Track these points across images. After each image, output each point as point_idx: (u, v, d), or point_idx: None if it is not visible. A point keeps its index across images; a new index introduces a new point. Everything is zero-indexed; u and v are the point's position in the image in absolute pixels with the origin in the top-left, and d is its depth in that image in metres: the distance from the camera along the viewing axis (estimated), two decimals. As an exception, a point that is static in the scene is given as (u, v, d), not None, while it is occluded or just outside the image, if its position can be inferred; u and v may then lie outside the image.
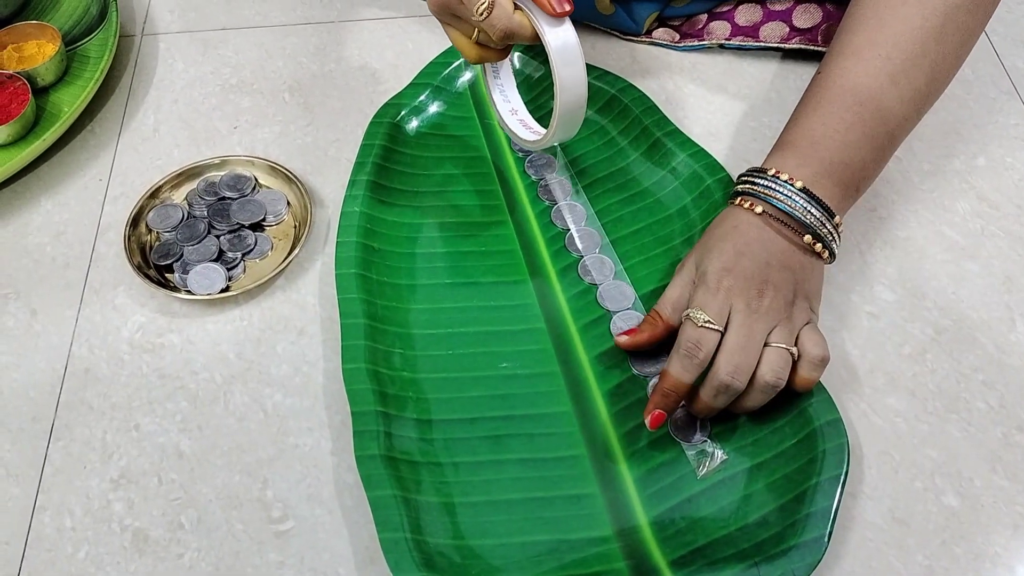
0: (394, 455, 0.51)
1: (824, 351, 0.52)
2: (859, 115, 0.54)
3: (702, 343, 0.51)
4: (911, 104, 0.55)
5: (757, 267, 0.52)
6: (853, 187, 0.55)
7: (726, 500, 0.51)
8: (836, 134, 0.54)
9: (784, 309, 0.52)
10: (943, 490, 0.53)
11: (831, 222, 0.53)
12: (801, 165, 0.54)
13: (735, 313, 0.51)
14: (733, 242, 0.53)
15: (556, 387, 0.56)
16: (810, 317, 0.53)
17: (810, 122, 0.55)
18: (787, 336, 0.51)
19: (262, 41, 0.77)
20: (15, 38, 0.72)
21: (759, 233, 0.53)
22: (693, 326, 0.51)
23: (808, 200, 0.53)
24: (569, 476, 0.52)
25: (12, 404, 0.57)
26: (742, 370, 0.50)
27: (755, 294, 0.51)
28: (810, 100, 0.57)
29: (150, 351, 0.59)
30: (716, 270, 0.52)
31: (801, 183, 0.53)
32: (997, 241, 0.63)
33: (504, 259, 0.62)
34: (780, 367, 0.51)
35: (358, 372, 0.54)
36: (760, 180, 0.54)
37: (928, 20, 0.54)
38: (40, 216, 0.66)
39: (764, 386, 0.51)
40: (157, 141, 0.70)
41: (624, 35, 0.76)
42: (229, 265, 0.62)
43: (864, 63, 0.55)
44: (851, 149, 0.54)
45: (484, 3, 0.50)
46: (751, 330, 0.51)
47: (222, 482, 0.54)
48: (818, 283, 0.55)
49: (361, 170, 0.64)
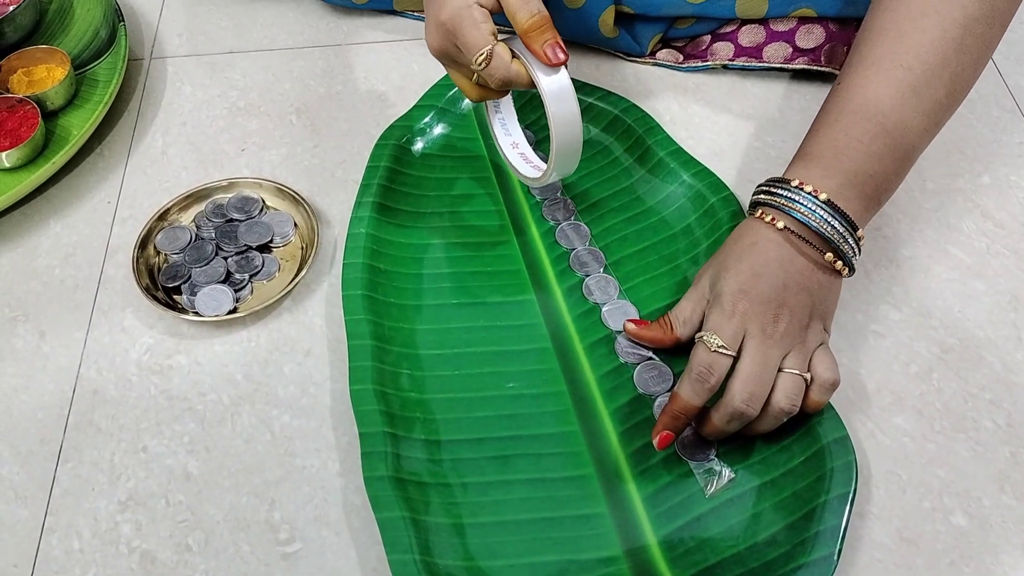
0: (402, 476, 0.51)
1: (835, 375, 0.52)
2: (882, 126, 0.53)
3: (714, 368, 0.51)
4: (931, 116, 0.55)
5: (774, 290, 0.51)
6: (875, 200, 0.54)
7: (735, 519, 0.51)
8: (860, 145, 0.53)
9: (799, 333, 0.51)
10: (951, 510, 0.52)
11: (853, 236, 0.52)
12: (826, 177, 0.53)
13: (749, 338, 0.51)
14: (751, 262, 0.52)
15: (563, 407, 0.56)
16: (823, 338, 0.53)
17: (833, 132, 0.54)
18: (801, 362, 0.51)
19: (269, 64, 0.77)
20: (25, 62, 0.72)
21: (778, 252, 0.52)
22: (706, 350, 0.51)
23: (832, 214, 0.52)
24: (577, 496, 0.52)
25: (21, 426, 0.57)
26: (756, 397, 0.50)
27: (771, 319, 0.51)
28: (831, 112, 0.56)
29: (158, 373, 0.59)
30: (732, 292, 0.52)
31: (826, 195, 0.52)
32: (1003, 260, 0.63)
33: (510, 279, 0.62)
34: (794, 394, 0.50)
35: (366, 393, 0.54)
36: (783, 192, 0.53)
37: (948, 32, 0.54)
38: (49, 239, 0.66)
39: (778, 412, 0.51)
40: (165, 164, 0.70)
41: (628, 56, 0.76)
42: (237, 287, 0.62)
43: (885, 74, 0.54)
44: (875, 161, 0.53)
45: (483, 54, 0.52)
46: (766, 356, 0.50)
47: (229, 504, 0.54)
48: (834, 301, 0.54)
49: (367, 191, 0.64)
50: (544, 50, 0.52)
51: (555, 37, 0.52)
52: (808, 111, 0.71)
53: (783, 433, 0.53)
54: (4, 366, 0.60)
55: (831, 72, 0.71)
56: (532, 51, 0.52)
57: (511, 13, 0.52)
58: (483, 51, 0.52)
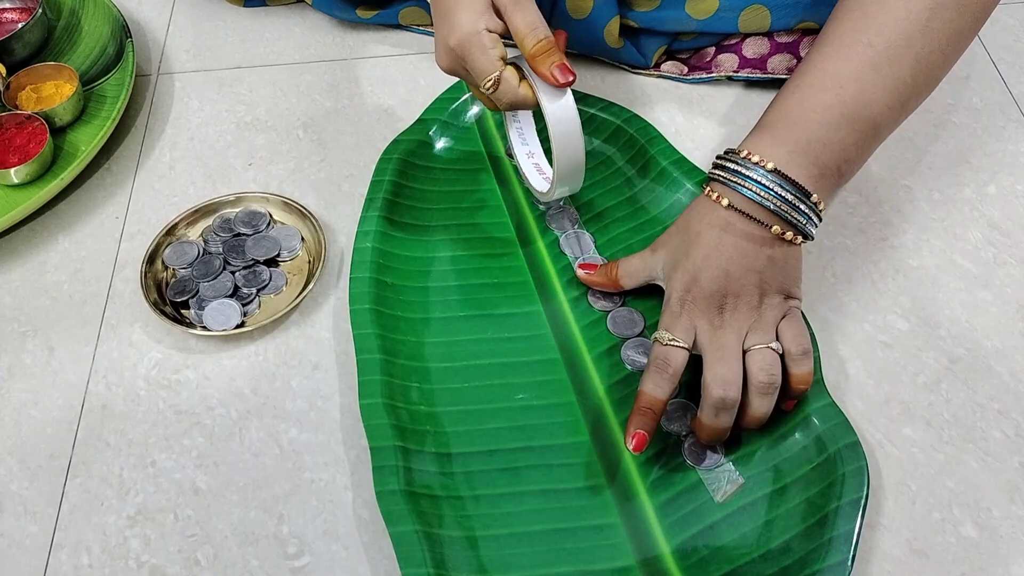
0: (414, 490, 0.51)
1: (803, 342, 0.53)
2: (838, 96, 0.53)
3: (669, 358, 0.52)
4: (894, 94, 0.54)
5: (715, 283, 0.53)
6: (833, 168, 0.54)
7: (748, 526, 0.51)
8: (813, 114, 0.53)
9: (751, 313, 0.53)
10: (961, 521, 0.52)
11: (806, 202, 0.52)
12: (775, 145, 0.53)
13: (700, 334, 0.53)
14: (693, 258, 0.53)
15: (573, 417, 0.56)
16: (786, 309, 0.54)
17: (788, 104, 0.55)
18: (763, 336, 0.52)
19: (276, 79, 0.78)
20: (34, 79, 0.73)
21: (719, 240, 0.53)
22: (660, 345, 0.53)
23: (779, 183, 0.52)
24: (590, 506, 0.52)
25: (30, 441, 0.57)
26: (730, 380, 0.51)
27: (715, 312, 0.53)
28: (789, 85, 0.56)
29: (166, 387, 0.59)
30: (678, 294, 0.54)
31: (772, 164, 0.52)
32: (1010, 269, 0.63)
33: (516, 290, 0.62)
34: (768, 364, 0.52)
35: (375, 407, 0.54)
36: (730, 164, 0.54)
37: (912, 12, 0.54)
38: (58, 254, 0.66)
39: (760, 387, 0.51)
40: (173, 179, 0.71)
41: (633, 69, 0.76)
42: (244, 301, 0.62)
43: (846, 50, 0.55)
44: (829, 129, 0.53)
45: (491, 80, 0.54)
46: (722, 343, 0.52)
47: (238, 518, 0.54)
48: (793, 269, 0.54)
49: (372, 206, 0.64)
50: (552, 72, 0.53)
51: (562, 59, 0.53)
52: (813, 122, 0.72)
53: (793, 439, 0.53)
54: (13, 381, 0.60)
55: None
56: (540, 74, 0.54)
57: (519, 38, 0.54)
58: (491, 77, 0.54)
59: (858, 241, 0.65)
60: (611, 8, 0.70)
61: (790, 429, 0.54)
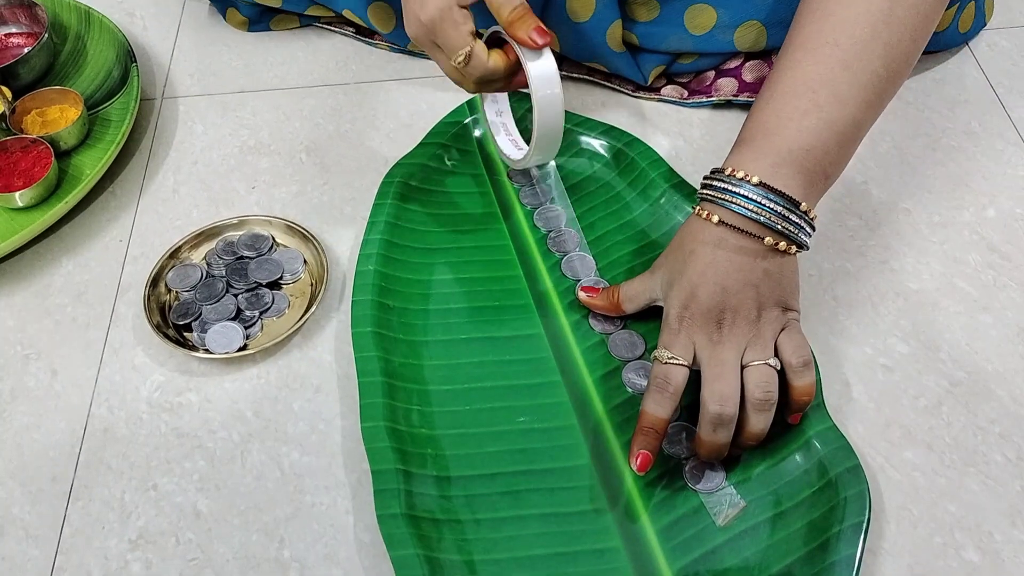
0: (416, 513, 0.51)
1: (803, 353, 0.53)
2: (813, 101, 0.53)
3: (670, 377, 0.52)
4: (869, 89, 0.54)
5: (712, 299, 0.52)
6: (819, 173, 0.54)
7: (749, 551, 0.51)
8: (791, 122, 0.53)
9: (749, 328, 0.53)
10: (963, 545, 0.52)
11: (796, 211, 0.52)
12: (757, 159, 0.53)
13: (700, 349, 0.53)
14: (689, 275, 0.53)
15: (574, 440, 0.56)
16: (784, 322, 0.54)
17: (764, 115, 0.55)
18: (761, 352, 0.52)
19: (279, 103, 0.78)
20: (39, 103, 0.73)
21: (713, 256, 0.53)
22: (659, 364, 0.53)
23: (766, 195, 0.52)
24: (591, 530, 0.52)
25: (32, 465, 0.57)
26: (727, 396, 0.51)
27: (714, 327, 0.53)
28: (763, 96, 0.56)
29: (168, 410, 0.59)
30: (676, 311, 0.54)
31: (757, 178, 0.52)
32: (1010, 292, 0.63)
33: (518, 313, 0.63)
34: (764, 381, 0.52)
35: (377, 430, 0.54)
36: (716, 182, 0.54)
37: (874, 4, 0.54)
38: (61, 277, 0.67)
39: (756, 403, 0.51)
40: (176, 202, 0.71)
41: (633, 93, 0.77)
42: (247, 324, 0.62)
43: (813, 53, 0.54)
44: (809, 135, 0.53)
45: (462, 54, 0.56)
46: (721, 359, 0.52)
47: (239, 542, 0.54)
48: (790, 281, 0.54)
49: (374, 229, 0.65)
50: (530, 35, 0.55)
51: (537, 23, 0.55)
52: (813, 146, 0.72)
53: (794, 462, 0.53)
54: (16, 404, 0.60)
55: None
56: (518, 39, 0.55)
57: (495, 8, 0.55)
58: (462, 52, 0.56)
59: (858, 264, 0.65)
60: (613, 12, 0.70)
61: (791, 452, 0.54)
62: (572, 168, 0.70)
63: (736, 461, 0.54)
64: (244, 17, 0.84)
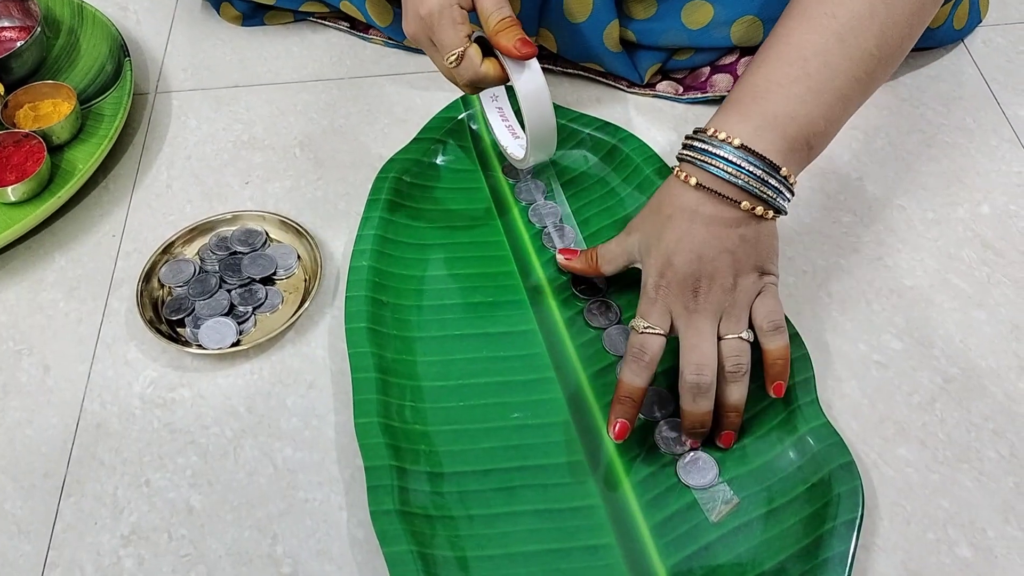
0: (409, 509, 0.51)
1: (774, 318, 0.54)
2: (804, 70, 0.53)
3: (646, 346, 0.53)
4: (861, 65, 0.54)
5: (688, 266, 0.53)
6: (802, 142, 0.53)
7: (743, 547, 0.51)
8: (779, 88, 0.53)
9: (725, 296, 0.53)
10: (956, 541, 0.52)
11: (776, 176, 0.52)
12: (742, 121, 0.53)
13: (676, 318, 0.54)
14: (667, 241, 0.54)
15: (568, 436, 0.56)
16: (761, 286, 0.54)
17: (754, 78, 0.55)
18: (735, 323, 0.53)
19: (273, 98, 0.78)
20: (31, 97, 0.73)
21: (690, 222, 0.53)
22: (636, 334, 0.54)
23: (747, 158, 0.51)
24: (585, 526, 0.52)
25: (25, 460, 0.57)
26: (704, 365, 0.52)
27: (690, 295, 0.53)
28: (755, 60, 0.56)
29: (161, 406, 0.59)
30: (653, 280, 0.54)
31: (739, 140, 0.52)
32: (1004, 289, 0.63)
33: (512, 309, 0.62)
34: (736, 353, 0.53)
35: (370, 426, 0.54)
36: (698, 143, 0.53)
37: None
38: (54, 272, 0.66)
39: (729, 375, 0.53)
40: (170, 197, 0.71)
41: (628, 88, 0.77)
42: (240, 319, 0.62)
43: (809, 23, 0.54)
44: (796, 102, 0.53)
45: (455, 55, 0.56)
46: (697, 328, 0.53)
47: (232, 538, 0.54)
48: (767, 245, 0.54)
49: (368, 224, 0.65)
50: (514, 45, 0.55)
51: (523, 34, 0.55)
52: (808, 142, 0.72)
53: (788, 459, 0.53)
54: (8, 400, 0.60)
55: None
56: (502, 48, 0.55)
57: (484, 15, 0.56)
58: (455, 52, 0.56)
59: (852, 261, 0.65)
60: (610, 11, 0.70)
61: (784, 449, 0.54)
62: (567, 164, 0.70)
63: (729, 456, 0.54)
64: (238, 12, 0.83)
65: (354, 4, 0.78)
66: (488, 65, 0.57)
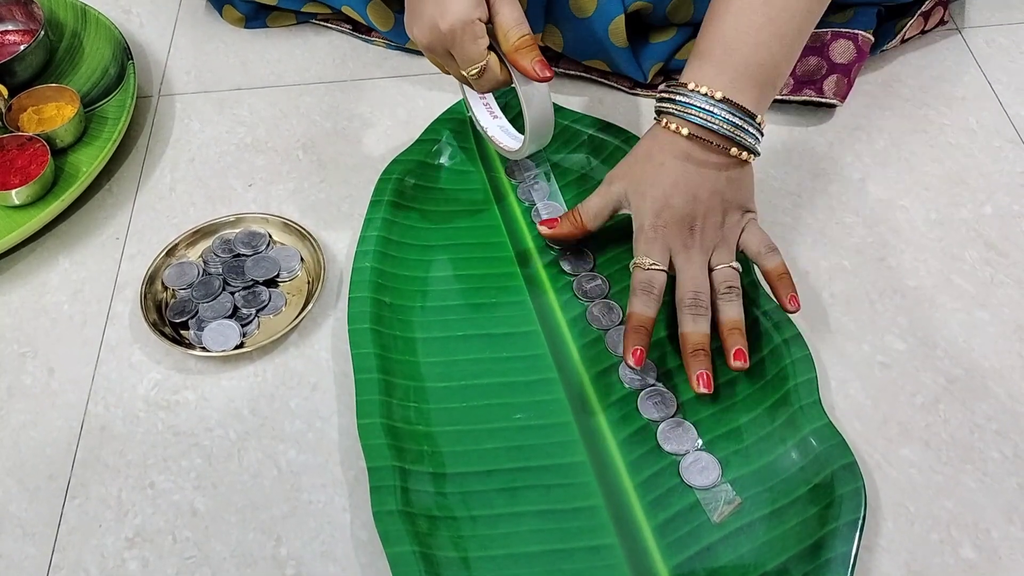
0: (412, 510, 0.51)
1: (766, 241, 0.58)
2: (766, 15, 0.56)
3: (653, 281, 0.57)
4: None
5: (685, 205, 0.57)
6: (770, 85, 0.58)
7: (745, 548, 0.51)
8: (747, 36, 0.56)
9: (716, 232, 0.58)
10: (960, 542, 0.52)
11: (752, 123, 0.56)
12: (719, 74, 0.56)
13: (675, 254, 0.58)
14: (662, 185, 0.57)
15: (571, 437, 0.56)
16: (745, 222, 0.59)
17: (722, 29, 0.57)
18: (726, 256, 0.58)
19: (276, 100, 0.78)
20: (35, 101, 0.73)
21: (683, 168, 0.57)
22: (641, 270, 0.57)
23: (729, 110, 0.56)
24: (587, 527, 0.52)
25: (29, 462, 0.57)
26: (699, 284, 0.57)
27: (688, 232, 0.57)
28: (717, 8, 0.58)
29: (165, 408, 0.59)
30: (650, 220, 0.58)
31: (721, 93, 0.56)
32: (1007, 289, 0.63)
33: (515, 310, 0.63)
34: (727, 279, 0.57)
35: (373, 427, 0.54)
36: (681, 97, 0.57)
37: None
38: (58, 275, 0.67)
39: (723, 295, 0.57)
40: (173, 200, 0.71)
41: (631, 90, 0.77)
42: (243, 321, 0.62)
43: None
44: (763, 49, 0.56)
45: (477, 68, 0.57)
46: (693, 262, 0.57)
47: (236, 540, 0.54)
48: (748, 185, 0.59)
49: (371, 226, 0.65)
50: (533, 67, 0.56)
51: (541, 56, 0.57)
52: (810, 142, 0.72)
53: (790, 459, 0.53)
54: (13, 402, 0.60)
55: (833, 103, 0.72)
56: (520, 67, 0.57)
57: (503, 31, 0.56)
58: (478, 66, 0.57)
59: (855, 262, 0.65)
60: (616, 5, 0.70)
61: (787, 449, 0.54)
62: (569, 165, 0.70)
63: (732, 456, 0.54)
64: (241, 14, 0.83)
65: (355, 9, 0.78)
66: (504, 73, 0.58)
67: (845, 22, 0.72)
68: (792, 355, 0.57)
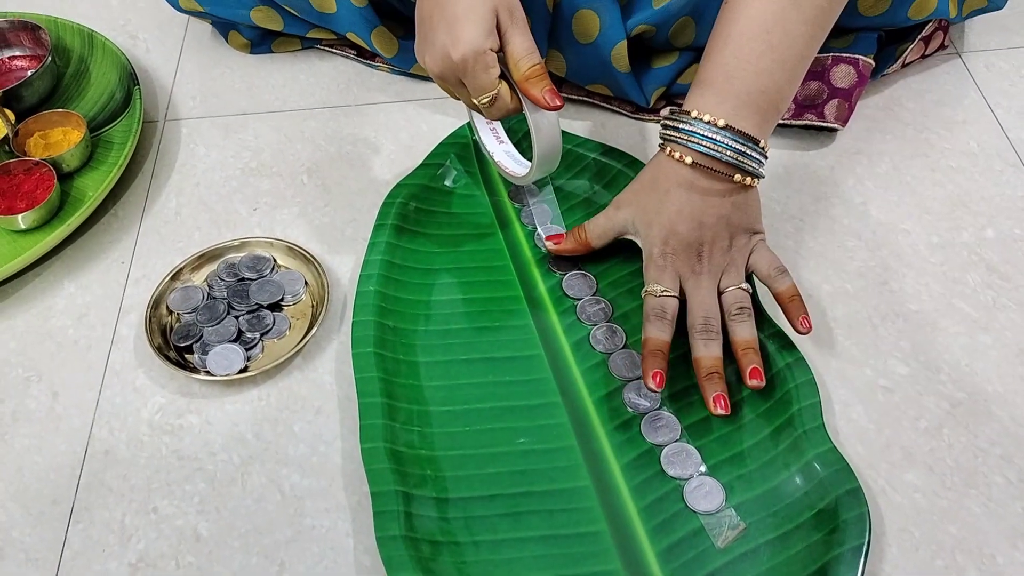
0: (415, 535, 0.51)
1: (776, 264, 0.59)
2: (767, 43, 0.57)
3: (666, 307, 0.58)
4: (816, 23, 0.58)
5: (692, 233, 0.58)
6: (772, 110, 0.58)
7: (749, 574, 0.51)
8: (749, 65, 0.57)
9: (724, 256, 0.59)
10: (964, 568, 0.52)
11: (756, 148, 0.57)
12: (721, 102, 0.57)
13: (684, 280, 0.59)
14: (668, 213, 0.58)
15: (574, 462, 0.56)
16: (753, 243, 0.60)
17: (723, 57, 0.58)
18: (735, 278, 0.59)
19: (281, 125, 0.79)
20: (42, 126, 0.74)
21: (689, 196, 0.58)
22: (654, 297, 0.58)
23: (732, 137, 0.56)
24: (591, 553, 0.52)
25: (33, 487, 0.57)
26: (709, 308, 0.58)
27: (696, 259, 0.59)
28: (719, 36, 0.59)
29: (169, 432, 0.59)
30: (659, 249, 0.59)
31: (724, 121, 0.56)
32: (1009, 313, 0.63)
33: (518, 334, 0.63)
34: (738, 300, 0.58)
35: (377, 451, 0.54)
36: (684, 126, 0.58)
37: None
38: (63, 299, 0.67)
39: (734, 316, 0.58)
40: (179, 224, 0.71)
41: (633, 113, 0.77)
42: (248, 345, 0.63)
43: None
44: (765, 76, 0.57)
45: (488, 97, 0.57)
46: (703, 287, 0.58)
47: (239, 565, 0.54)
48: (754, 208, 0.60)
49: (374, 250, 0.65)
50: (544, 96, 0.57)
51: (551, 85, 0.57)
52: (811, 166, 0.72)
53: (794, 485, 0.53)
54: (18, 426, 0.60)
55: (834, 128, 0.72)
56: (531, 96, 0.57)
57: (514, 60, 0.57)
58: (489, 95, 0.57)
59: (858, 285, 0.65)
60: (618, 31, 0.71)
61: (791, 474, 0.54)
62: (571, 189, 0.71)
63: (736, 482, 0.54)
64: (246, 40, 0.84)
65: (359, 35, 0.78)
66: (515, 101, 0.59)
67: (846, 47, 0.73)
68: (796, 379, 0.57)
